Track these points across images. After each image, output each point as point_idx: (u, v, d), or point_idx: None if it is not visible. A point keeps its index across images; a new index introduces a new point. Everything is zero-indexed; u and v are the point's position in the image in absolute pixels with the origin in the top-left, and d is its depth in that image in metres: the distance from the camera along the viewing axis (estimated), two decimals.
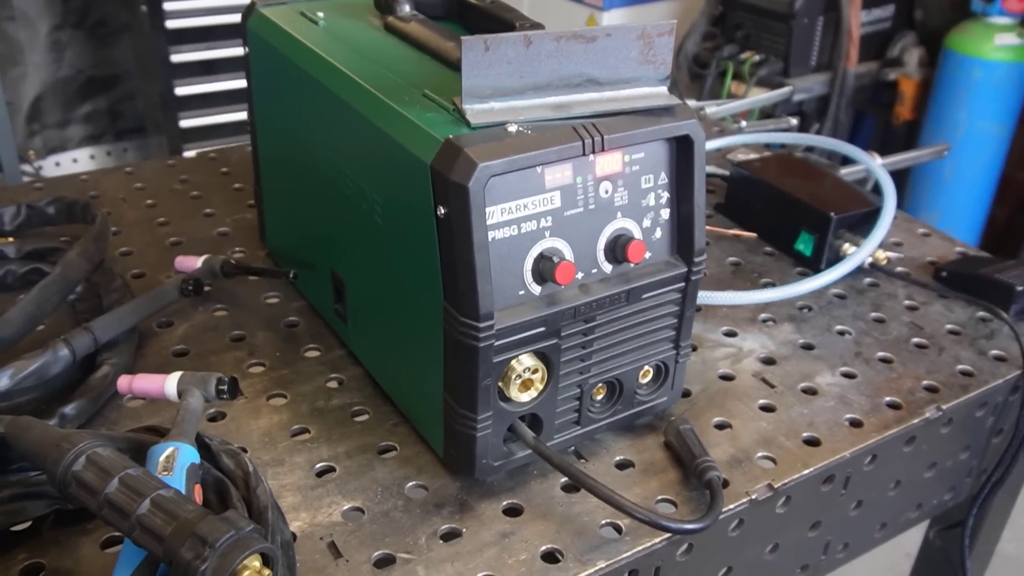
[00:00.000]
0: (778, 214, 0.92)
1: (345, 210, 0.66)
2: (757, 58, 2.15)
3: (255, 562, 0.46)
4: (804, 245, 0.89)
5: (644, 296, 0.61)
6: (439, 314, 0.57)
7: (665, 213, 0.62)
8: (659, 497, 0.62)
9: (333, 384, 0.71)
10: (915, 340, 0.80)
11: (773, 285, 0.86)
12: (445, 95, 0.59)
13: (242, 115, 2.40)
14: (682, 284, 0.63)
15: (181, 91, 2.16)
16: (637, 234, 0.60)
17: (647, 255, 0.61)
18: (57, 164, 2.46)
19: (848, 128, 2.22)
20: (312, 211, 0.73)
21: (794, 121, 1.32)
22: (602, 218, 0.59)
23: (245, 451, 0.64)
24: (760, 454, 0.66)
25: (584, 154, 0.56)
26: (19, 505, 0.56)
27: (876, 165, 0.91)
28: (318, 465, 0.63)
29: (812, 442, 0.68)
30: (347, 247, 0.69)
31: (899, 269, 0.90)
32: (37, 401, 0.66)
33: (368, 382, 0.71)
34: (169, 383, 0.61)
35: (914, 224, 0.99)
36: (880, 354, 0.78)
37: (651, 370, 0.66)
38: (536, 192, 0.56)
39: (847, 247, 0.87)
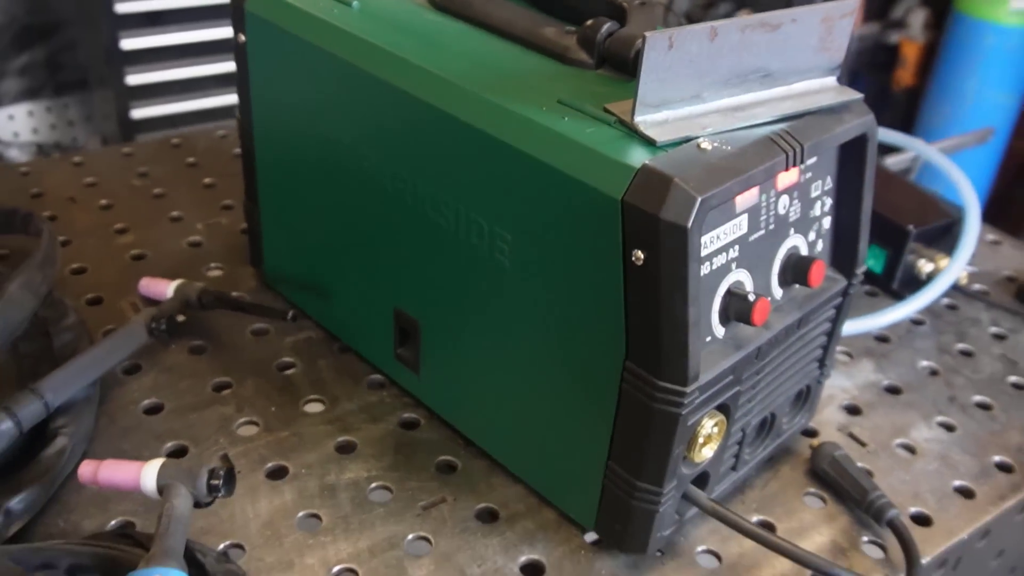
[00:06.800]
0: None
1: (431, 243, 0.54)
2: None
3: None
4: (874, 261, 0.77)
5: (812, 320, 0.53)
6: (611, 376, 0.46)
7: (827, 222, 0.53)
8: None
9: (342, 449, 0.58)
10: (1011, 379, 0.69)
11: None
12: (583, 100, 0.47)
13: (198, 70, 2.19)
14: (840, 300, 0.55)
15: (127, 44, 1.97)
16: (805, 250, 0.52)
17: None
18: None
19: None
20: (360, 239, 0.59)
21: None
22: (778, 237, 0.50)
23: (243, 548, 0.51)
24: (865, 539, 0.55)
25: (786, 169, 0.46)
26: None
27: (955, 169, 0.80)
28: (335, 568, 0.51)
29: (923, 520, 0.57)
30: (428, 285, 0.56)
31: (976, 287, 0.79)
32: None
33: (386, 448, 0.58)
34: (146, 475, 0.47)
35: (981, 230, 0.89)
36: (976, 398, 0.67)
37: (793, 395, 0.57)
38: (727, 219, 0.46)
39: (923, 263, 0.76)
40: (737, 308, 0.47)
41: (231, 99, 2.00)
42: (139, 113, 2.01)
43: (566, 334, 0.49)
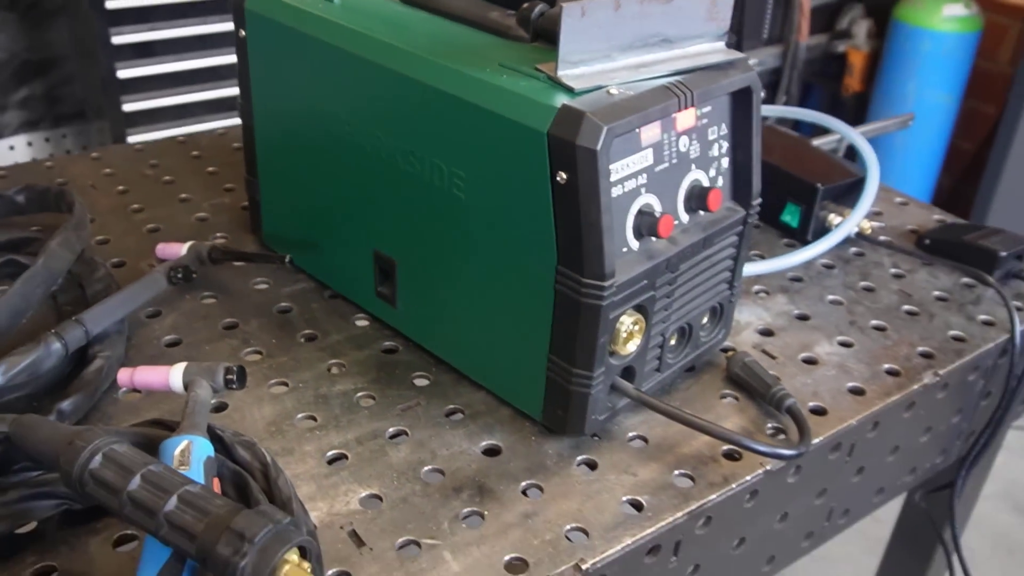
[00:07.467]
0: (763, 185, 0.92)
1: (403, 189, 0.65)
2: None
3: (293, 555, 0.45)
4: (790, 216, 0.89)
5: (716, 242, 0.65)
6: (547, 279, 0.58)
7: (725, 162, 0.65)
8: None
9: (334, 370, 0.69)
10: (905, 307, 0.81)
11: (762, 257, 0.86)
12: (519, 63, 0.59)
13: (188, 97, 2.30)
14: (741, 228, 0.67)
15: (123, 74, 2.09)
16: (706, 183, 0.64)
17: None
18: None
19: (798, 100, 2.25)
20: (344, 194, 0.71)
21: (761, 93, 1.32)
22: (681, 171, 0.62)
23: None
24: (769, 425, 0.66)
25: (679, 111, 0.58)
26: (25, 507, 0.54)
27: (857, 135, 0.92)
28: (329, 453, 0.62)
29: (819, 411, 0.68)
30: (402, 227, 0.67)
31: (882, 238, 0.91)
32: (28, 398, 0.63)
33: (370, 367, 0.70)
34: (174, 374, 0.58)
35: (891, 193, 1.01)
36: (874, 322, 0.79)
37: (708, 311, 0.69)
38: (635, 151, 0.58)
39: (833, 217, 0.88)
40: (647, 223, 0.59)
41: (222, 123, 2.12)
42: (135, 138, 2.13)
43: (510, 249, 0.60)
